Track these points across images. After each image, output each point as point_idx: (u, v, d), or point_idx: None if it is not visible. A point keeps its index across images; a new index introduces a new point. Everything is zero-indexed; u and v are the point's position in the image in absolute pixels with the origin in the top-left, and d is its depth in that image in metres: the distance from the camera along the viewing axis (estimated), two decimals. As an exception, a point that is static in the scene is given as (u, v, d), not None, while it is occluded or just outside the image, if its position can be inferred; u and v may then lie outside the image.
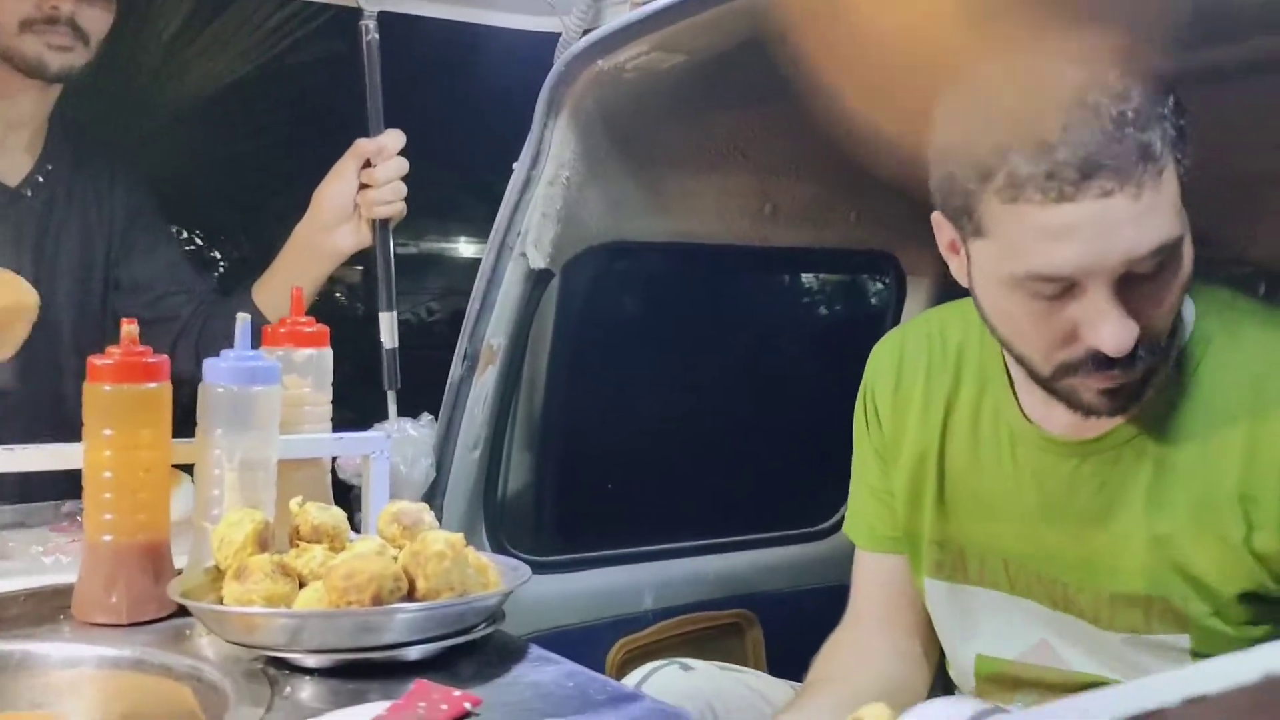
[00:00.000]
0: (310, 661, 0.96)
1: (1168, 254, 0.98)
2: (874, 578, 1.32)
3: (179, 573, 1.16)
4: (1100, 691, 0.33)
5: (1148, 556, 1.09)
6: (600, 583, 1.88)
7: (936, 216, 1.09)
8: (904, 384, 1.27)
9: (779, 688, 1.39)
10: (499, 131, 1.73)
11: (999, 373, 1.20)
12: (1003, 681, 1.23)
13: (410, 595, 0.94)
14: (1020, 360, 1.09)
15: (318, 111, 3.73)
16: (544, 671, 0.96)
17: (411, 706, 0.83)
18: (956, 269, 1.10)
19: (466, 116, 3.17)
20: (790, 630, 2.02)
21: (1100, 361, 1.01)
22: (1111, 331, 0.98)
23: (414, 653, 0.96)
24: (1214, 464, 1.06)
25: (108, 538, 1.12)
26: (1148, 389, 1.05)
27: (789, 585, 2.09)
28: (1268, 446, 1.04)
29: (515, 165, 1.66)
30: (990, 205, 0.99)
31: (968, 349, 1.24)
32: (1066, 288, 0.99)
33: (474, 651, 1.01)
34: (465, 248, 6.01)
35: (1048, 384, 1.07)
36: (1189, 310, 1.10)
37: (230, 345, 1.66)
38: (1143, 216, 0.95)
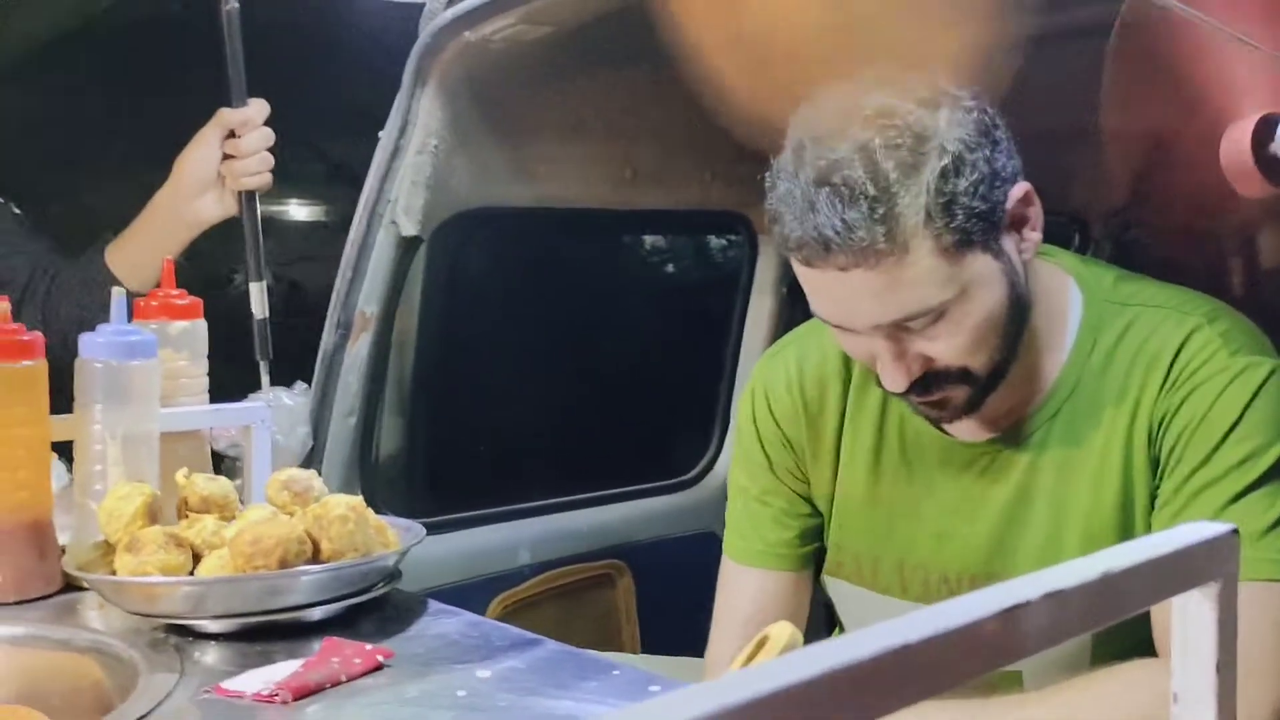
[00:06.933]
0: (213, 627, 0.98)
1: (931, 316, 0.99)
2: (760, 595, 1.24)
3: (63, 550, 1.16)
4: (966, 596, 0.40)
5: (1063, 540, 1.09)
6: (476, 542, 1.92)
7: None
8: (808, 399, 1.22)
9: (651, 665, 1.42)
10: (357, 100, 1.71)
11: None
12: None
13: (314, 558, 0.97)
14: None
15: (147, 74, 3.59)
16: (446, 623, 1.01)
17: (325, 661, 0.87)
18: None
19: (323, 85, 3.11)
20: (660, 577, 2.12)
21: (893, 392, 1.04)
22: (884, 374, 1.03)
23: (317, 613, 0.99)
24: (1115, 443, 1.07)
25: (-11, 518, 1.11)
26: (985, 395, 1.05)
27: (657, 534, 2.18)
28: (1145, 418, 1.06)
29: (381, 134, 1.67)
30: None
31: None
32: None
33: (374, 609, 1.04)
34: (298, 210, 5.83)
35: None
36: (1076, 303, 1.11)
37: (83, 309, 1.62)
38: (883, 292, 0.97)
